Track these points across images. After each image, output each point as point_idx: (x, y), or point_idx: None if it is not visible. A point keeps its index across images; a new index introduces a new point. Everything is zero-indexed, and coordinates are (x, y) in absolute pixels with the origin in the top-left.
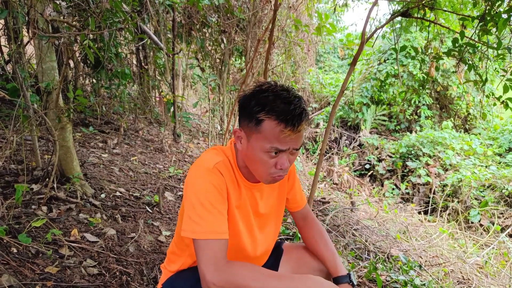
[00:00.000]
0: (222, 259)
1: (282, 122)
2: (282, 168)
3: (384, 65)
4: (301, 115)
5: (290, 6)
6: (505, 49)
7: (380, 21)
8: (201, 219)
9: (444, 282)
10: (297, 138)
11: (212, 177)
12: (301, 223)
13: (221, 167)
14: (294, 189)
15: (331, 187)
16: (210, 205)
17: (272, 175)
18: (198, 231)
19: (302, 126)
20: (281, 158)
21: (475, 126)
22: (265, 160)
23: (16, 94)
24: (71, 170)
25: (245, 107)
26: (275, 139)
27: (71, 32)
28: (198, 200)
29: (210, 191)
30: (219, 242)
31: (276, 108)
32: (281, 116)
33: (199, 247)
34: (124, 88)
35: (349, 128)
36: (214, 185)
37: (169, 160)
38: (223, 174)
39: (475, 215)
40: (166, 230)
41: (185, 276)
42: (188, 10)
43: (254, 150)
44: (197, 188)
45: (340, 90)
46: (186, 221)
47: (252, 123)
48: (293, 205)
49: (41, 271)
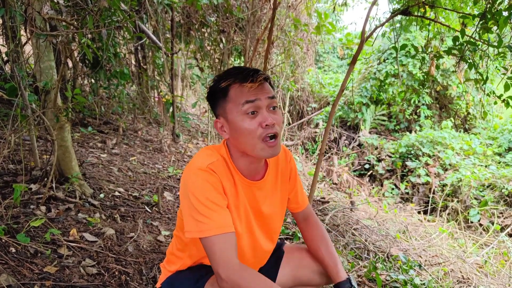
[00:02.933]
0: (233, 256)
1: (241, 80)
2: (267, 123)
3: (384, 64)
4: (255, 70)
5: (289, 5)
6: (505, 47)
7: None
8: (204, 217)
9: (444, 281)
10: (264, 89)
11: (207, 175)
12: (302, 224)
13: (214, 166)
14: (295, 189)
15: (330, 187)
16: (210, 202)
17: (262, 136)
18: (204, 230)
19: (261, 77)
20: (262, 115)
21: (475, 125)
22: (248, 124)
23: (14, 94)
24: (70, 170)
25: (211, 95)
26: (243, 96)
27: (69, 30)
28: (197, 200)
29: (208, 189)
30: (227, 235)
31: (231, 74)
32: (238, 76)
33: (207, 246)
34: (123, 88)
35: (348, 128)
36: (210, 183)
37: (168, 160)
38: (217, 173)
39: (475, 214)
40: (165, 229)
41: (184, 276)
42: (187, 10)
43: (236, 122)
44: (194, 188)
45: (340, 90)
46: (190, 222)
47: (221, 100)
48: (294, 205)
49: (39, 271)
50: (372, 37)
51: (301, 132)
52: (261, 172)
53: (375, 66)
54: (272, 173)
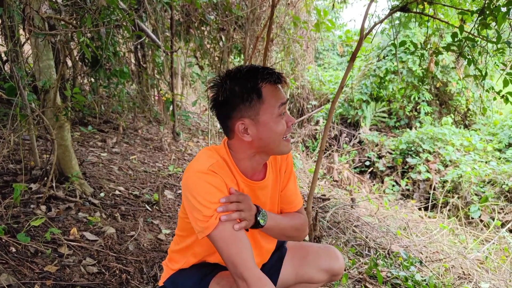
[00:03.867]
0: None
1: (274, 81)
2: (292, 123)
3: (383, 61)
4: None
5: (288, 2)
6: (504, 43)
7: (379, 17)
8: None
9: (445, 277)
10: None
11: (208, 178)
12: None
13: (215, 168)
14: (287, 188)
15: (331, 184)
16: (213, 204)
17: (285, 136)
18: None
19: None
20: (287, 115)
21: (475, 121)
22: (282, 125)
23: (13, 93)
24: (70, 169)
25: (234, 97)
26: (278, 98)
27: (68, 30)
28: (199, 203)
29: (210, 192)
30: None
31: (260, 75)
32: (270, 78)
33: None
34: (122, 87)
35: (348, 125)
36: (212, 184)
37: (169, 158)
38: (219, 173)
39: (475, 210)
40: (166, 228)
41: (187, 274)
42: (186, 8)
43: (267, 124)
44: (196, 192)
45: (339, 87)
46: (195, 223)
47: (253, 102)
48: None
49: (40, 270)
50: (371, 34)
51: (301, 130)
52: (262, 173)
53: (375, 63)
54: (272, 172)
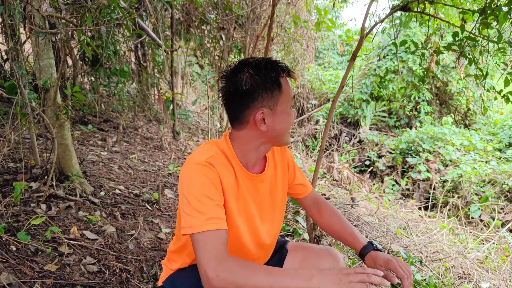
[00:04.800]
0: (223, 251)
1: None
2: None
3: (384, 61)
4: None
5: (288, 1)
6: (505, 42)
7: (379, 16)
8: (197, 212)
9: (445, 277)
10: None
11: (205, 170)
12: (312, 208)
13: (213, 161)
14: (296, 177)
15: (331, 184)
16: (205, 197)
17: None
18: (195, 225)
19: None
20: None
21: (475, 121)
22: (292, 117)
23: (14, 92)
24: (70, 168)
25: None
26: (290, 91)
27: (68, 28)
28: (192, 195)
29: (204, 184)
30: (217, 232)
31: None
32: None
33: (197, 242)
34: (123, 86)
35: (348, 125)
36: (207, 178)
37: (169, 157)
38: (216, 167)
39: (476, 210)
40: (166, 227)
41: (186, 274)
42: (186, 7)
43: (284, 114)
44: (191, 183)
45: (340, 86)
46: (184, 217)
47: (274, 92)
48: (299, 191)
49: (40, 269)
50: (371, 34)
51: (301, 129)
52: (261, 166)
53: (375, 63)
54: (271, 165)
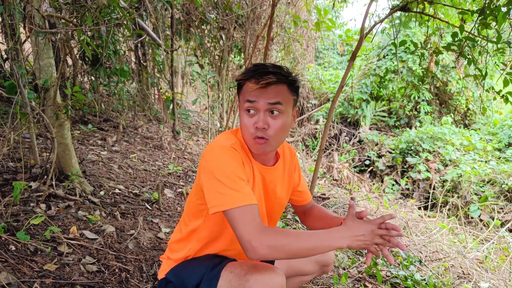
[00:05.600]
0: (260, 223)
1: (249, 78)
2: (257, 126)
3: (384, 60)
4: (266, 72)
5: (288, 1)
6: (504, 43)
7: (379, 16)
8: (231, 190)
9: (444, 277)
10: (267, 93)
11: (231, 152)
12: (302, 215)
13: (236, 147)
14: (300, 184)
15: (331, 183)
16: (235, 176)
17: (252, 136)
18: (232, 201)
19: (266, 79)
20: (258, 116)
21: (475, 121)
22: (245, 120)
23: (14, 91)
24: (70, 167)
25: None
26: (247, 94)
27: (68, 28)
28: (223, 174)
29: (233, 165)
30: (253, 207)
31: (250, 69)
32: (249, 74)
33: (234, 217)
34: (123, 86)
35: (348, 124)
36: (234, 159)
37: (169, 157)
38: (239, 152)
39: (475, 210)
40: (166, 227)
41: (194, 265)
42: (186, 7)
43: (240, 114)
44: (219, 164)
45: (339, 86)
46: (215, 197)
47: (239, 91)
48: (301, 199)
49: (39, 269)
50: (371, 33)
51: (301, 129)
52: (272, 160)
53: (375, 62)
54: (281, 164)
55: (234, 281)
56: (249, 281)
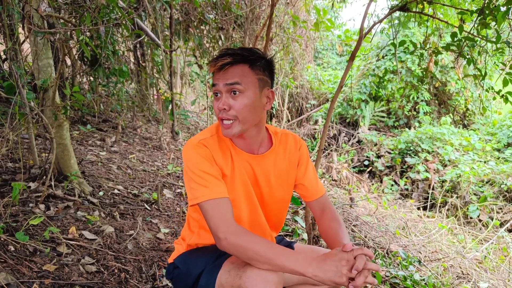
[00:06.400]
0: (229, 217)
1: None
2: (219, 107)
3: (383, 61)
4: (223, 55)
5: (287, 2)
6: (504, 43)
7: (378, 16)
8: (198, 185)
9: (444, 277)
10: (226, 74)
11: (198, 148)
12: (317, 213)
13: (206, 141)
14: (307, 176)
15: (330, 184)
16: (202, 172)
17: (219, 118)
18: (199, 196)
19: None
20: (220, 98)
21: (474, 121)
22: (214, 104)
23: (12, 92)
24: (69, 168)
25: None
26: (213, 78)
27: (67, 28)
28: (191, 171)
29: (199, 161)
30: (221, 200)
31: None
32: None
33: (205, 211)
34: (122, 86)
35: (347, 125)
36: (201, 155)
37: (168, 157)
38: (208, 147)
39: (474, 210)
40: (165, 227)
41: (199, 255)
42: (185, 7)
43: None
44: (189, 161)
45: (338, 86)
46: (188, 191)
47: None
48: (305, 193)
49: (39, 269)
50: (370, 34)
51: (300, 129)
52: (263, 148)
53: (374, 63)
54: (279, 153)
55: (233, 271)
56: (246, 272)
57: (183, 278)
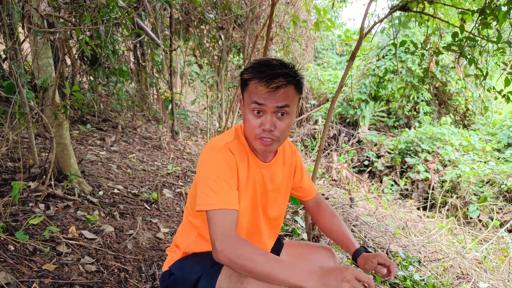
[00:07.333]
0: (231, 229)
1: (259, 79)
2: (264, 128)
3: (383, 61)
4: (275, 74)
5: (288, 1)
6: (505, 42)
7: (378, 16)
8: (212, 192)
9: (443, 277)
10: (277, 96)
11: (223, 154)
12: (313, 209)
13: (231, 146)
14: (302, 181)
15: (330, 184)
16: (220, 179)
17: (258, 136)
18: (209, 203)
19: (276, 82)
20: (265, 117)
21: (474, 121)
22: (252, 120)
23: (12, 91)
24: (69, 167)
25: (241, 77)
26: (255, 95)
27: (67, 27)
28: (209, 176)
29: (221, 167)
30: (228, 212)
31: (256, 67)
32: (259, 74)
33: (210, 218)
34: (121, 86)
35: (347, 125)
36: (225, 162)
37: (167, 157)
38: (233, 152)
39: (474, 210)
40: (165, 227)
41: (195, 261)
42: (185, 7)
43: (245, 112)
44: (209, 165)
45: (339, 86)
46: (200, 195)
47: (243, 87)
48: (303, 194)
49: (38, 269)
50: (371, 33)
51: (300, 129)
52: (271, 156)
53: (374, 63)
54: (280, 159)
55: (234, 276)
56: (248, 277)
57: (179, 284)
